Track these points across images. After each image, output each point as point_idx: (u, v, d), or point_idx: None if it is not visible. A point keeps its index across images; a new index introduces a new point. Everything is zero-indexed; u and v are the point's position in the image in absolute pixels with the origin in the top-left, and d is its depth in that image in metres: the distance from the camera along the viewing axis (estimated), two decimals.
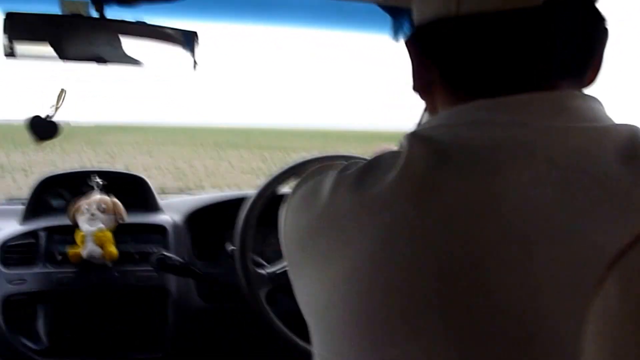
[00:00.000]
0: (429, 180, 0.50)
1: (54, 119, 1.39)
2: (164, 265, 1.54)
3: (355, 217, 0.52)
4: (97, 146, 27.03)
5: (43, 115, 1.39)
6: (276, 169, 1.55)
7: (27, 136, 1.39)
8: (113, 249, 1.70)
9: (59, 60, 1.36)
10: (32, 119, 1.39)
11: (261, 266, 1.54)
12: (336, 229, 0.53)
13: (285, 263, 1.46)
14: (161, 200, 2.04)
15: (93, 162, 19.31)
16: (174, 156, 23.07)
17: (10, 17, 1.22)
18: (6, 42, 1.24)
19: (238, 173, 17.15)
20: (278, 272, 1.50)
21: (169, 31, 1.48)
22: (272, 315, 1.45)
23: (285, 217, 0.63)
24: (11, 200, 2.28)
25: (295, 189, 0.63)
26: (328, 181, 0.57)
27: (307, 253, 0.57)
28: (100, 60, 1.40)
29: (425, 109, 0.76)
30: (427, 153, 0.51)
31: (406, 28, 1.55)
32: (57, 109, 1.39)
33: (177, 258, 1.58)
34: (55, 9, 1.30)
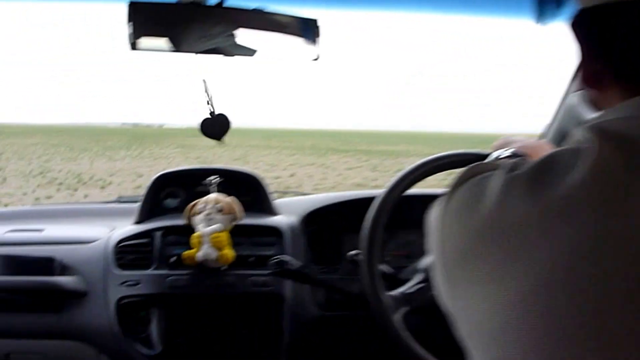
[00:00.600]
0: (623, 182, 0.44)
1: (217, 112, 1.36)
2: (283, 270, 1.44)
3: (535, 225, 0.46)
4: (189, 150, 27.40)
5: (207, 115, 1.36)
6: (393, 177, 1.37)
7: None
8: (229, 252, 1.64)
9: (178, 51, 1.30)
10: (203, 123, 1.37)
11: (392, 280, 1.36)
12: (510, 238, 0.47)
13: (421, 278, 1.30)
14: (274, 200, 1.96)
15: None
16: (270, 161, 22.40)
17: (133, 6, 1.17)
18: (131, 31, 1.19)
19: (349, 186, 14.82)
20: (414, 290, 1.29)
21: (288, 19, 1.38)
22: (406, 335, 1.28)
23: (440, 223, 0.56)
24: (122, 198, 2.36)
25: (453, 190, 0.56)
26: (495, 182, 0.51)
27: (473, 267, 0.51)
28: (219, 51, 1.33)
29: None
30: (619, 151, 0.45)
31: (557, 9, 1.32)
32: (211, 101, 1.35)
33: (297, 263, 1.47)
34: None
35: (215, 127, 1.51)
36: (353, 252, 1.40)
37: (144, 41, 1.24)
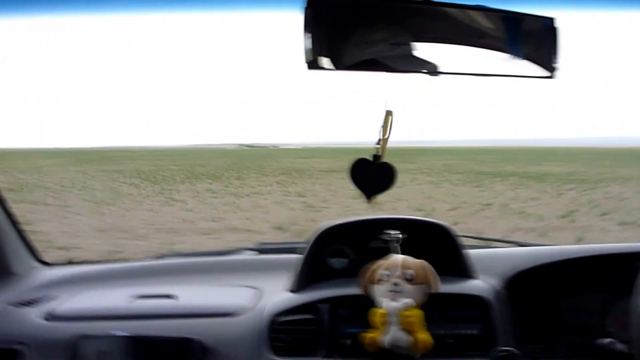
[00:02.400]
0: None
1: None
2: None
3: None
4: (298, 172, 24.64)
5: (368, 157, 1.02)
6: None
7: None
8: (427, 336, 1.22)
9: (368, 70, 0.93)
10: (358, 166, 1.03)
11: None
12: None
13: None
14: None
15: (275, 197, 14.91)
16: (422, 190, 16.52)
17: (314, 8, 0.83)
18: (309, 45, 0.84)
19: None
20: None
21: (523, 18, 0.97)
22: None
23: None
24: (264, 245, 1.95)
25: None
26: None
27: None
28: (432, 72, 0.94)
29: None
30: None
31: None
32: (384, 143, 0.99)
33: (526, 355, 1.03)
34: None
35: (375, 177, 1.15)
36: (608, 339, 1.14)
37: (325, 59, 0.89)
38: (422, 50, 0.92)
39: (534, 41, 0.97)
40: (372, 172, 1.12)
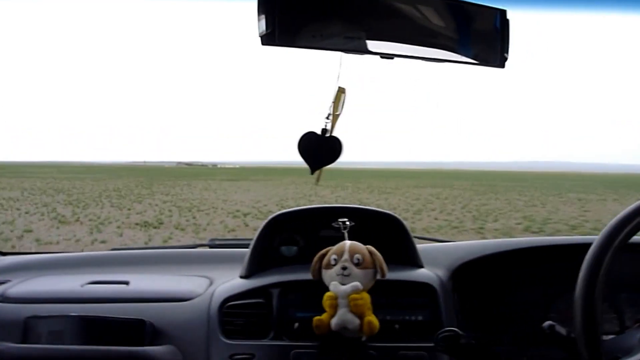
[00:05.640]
0: None
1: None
2: (456, 347, 1.05)
3: None
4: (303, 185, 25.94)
5: (316, 131, 1.04)
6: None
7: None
8: (374, 319, 1.24)
9: (328, 49, 0.96)
10: (305, 138, 1.05)
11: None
12: None
13: None
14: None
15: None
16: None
17: None
18: (263, 20, 0.86)
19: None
20: None
21: (475, 9, 1.02)
22: None
23: None
24: (215, 240, 1.95)
25: None
26: None
27: None
28: (386, 54, 0.97)
29: None
30: None
31: None
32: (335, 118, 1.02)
33: (467, 335, 1.09)
34: None
35: (322, 150, 1.18)
36: (548, 322, 1.07)
37: (280, 34, 0.90)
38: (377, 34, 0.96)
39: (486, 28, 1.02)
40: (319, 145, 1.15)
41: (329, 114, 1.07)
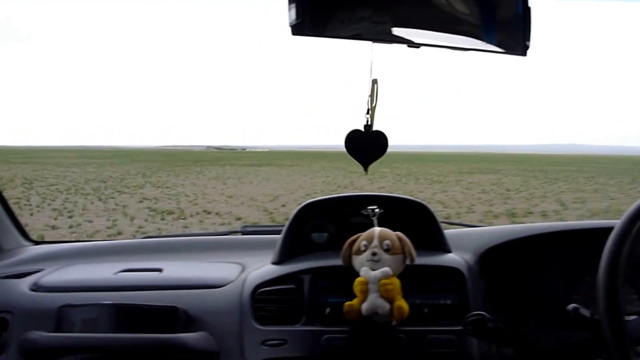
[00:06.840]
0: None
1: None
2: (484, 330, 1.06)
3: None
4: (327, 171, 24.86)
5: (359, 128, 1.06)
6: None
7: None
8: (403, 303, 1.26)
9: (357, 39, 0.97)
10: (352, 137, 1.07)
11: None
12: None
13: None
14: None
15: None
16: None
17: None
18: (293, 10, 0.88)
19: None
20: None
21: None
22: None
23: None
24: (247, 227, 1.96)
25: None
26: None
27: None
28: (413, 43, 0.98)
29: None
30: None
31: None
32: (372, 110, 1.03)
33: (494, 318, 1.11)
34: None
35: (370, 146, 1.19)
36: (572, 305, 1.09)
37: (310, 25, 0.92)
38: (404, 21, 0.97)
39: (508, 14, 1.02)
40: (366, 141, 1.16)
41: (368, 109, 1.08)
